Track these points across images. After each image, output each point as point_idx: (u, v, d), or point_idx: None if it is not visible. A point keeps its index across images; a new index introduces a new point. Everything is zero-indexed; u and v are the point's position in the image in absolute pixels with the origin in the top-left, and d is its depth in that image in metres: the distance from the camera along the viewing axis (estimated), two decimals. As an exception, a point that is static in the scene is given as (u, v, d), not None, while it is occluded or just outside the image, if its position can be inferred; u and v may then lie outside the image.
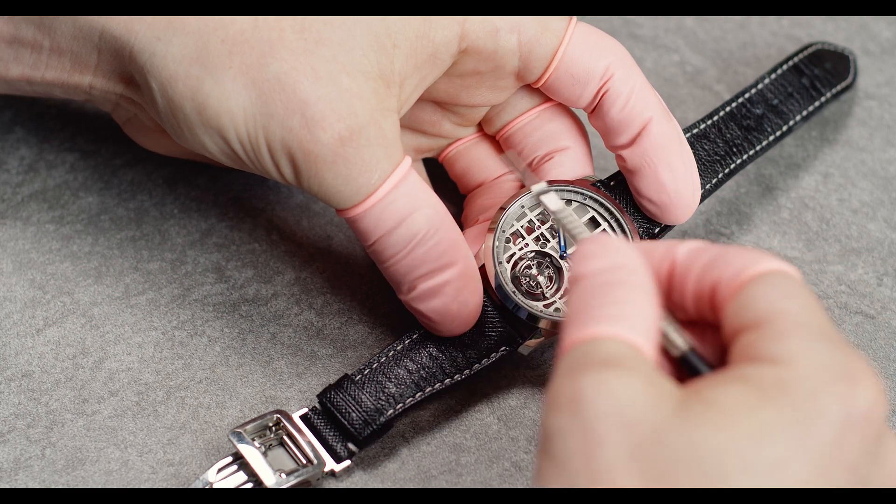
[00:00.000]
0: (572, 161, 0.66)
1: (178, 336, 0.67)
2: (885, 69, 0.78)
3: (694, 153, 0.67)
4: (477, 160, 0.68)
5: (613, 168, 0.74)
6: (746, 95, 0.69)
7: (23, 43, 0.61)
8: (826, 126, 0.75)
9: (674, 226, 0.66)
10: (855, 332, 0.68)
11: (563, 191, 0.65)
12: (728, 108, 0.69)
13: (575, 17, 0.64)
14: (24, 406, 0.64)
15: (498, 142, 0.68)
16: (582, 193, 0.65)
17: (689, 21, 0.80)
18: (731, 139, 0.68)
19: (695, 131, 0.68)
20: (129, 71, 0.60)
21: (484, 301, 0.63)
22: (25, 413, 0.64)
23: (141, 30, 0.59)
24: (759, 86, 0.70)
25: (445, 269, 0.61)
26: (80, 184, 0.71)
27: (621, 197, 0.65)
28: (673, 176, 0.63)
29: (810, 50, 0.73)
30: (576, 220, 0.54)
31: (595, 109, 0.64)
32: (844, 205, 0.73)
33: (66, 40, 0.61)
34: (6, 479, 0.62)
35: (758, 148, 0.68)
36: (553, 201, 0.54)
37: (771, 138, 0.69)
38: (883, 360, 0.67)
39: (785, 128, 0.70)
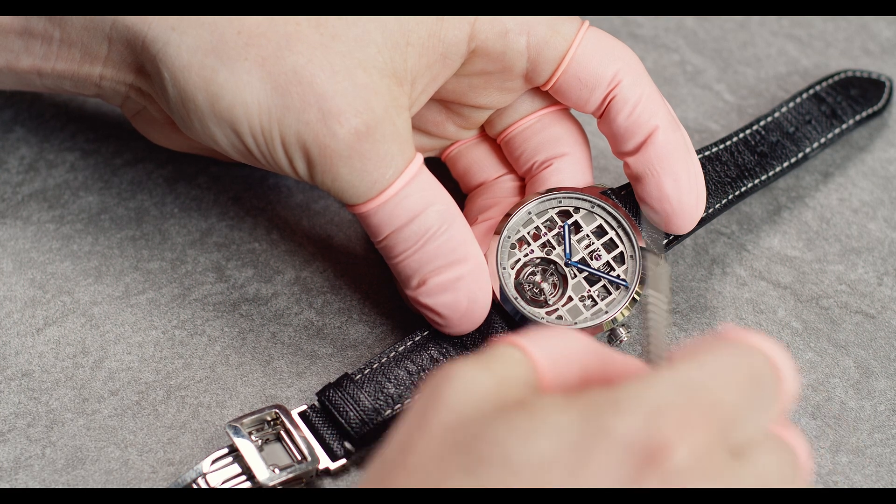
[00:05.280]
0: (571, 168, 0.66)
1: (178, 335, 0.67)
2: (885, 69, 0.78)
3: (705, 173, 0.66)
4: (478, 160, 0.68)
5: (613, 169, 0.74)
6: (762, 123, 0.69)
7: (33, 34, 0.61)
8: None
9: (681, 236, 0.65)
10: (855, 332, 0.68)
11: (571, 198, 0.65)
12: (742, 135, 0.69)
13: (587, 21, 0.64)
14: (24, 405, 0.64)
15: (499, 144, 0.68)
16: (590, 201, 0.65)
17: (689, 21, 0.80)
18: (743, 163, 0.68)
19: (707, 153, 0.68)
20: (140, 60, 0.60)
21: None
22: (25, 412, 0.64)
23: (155, 19, 0.59)
24: (776, 114, 0.70)
25: (457, 265, 0.61)
26: (80, 183, 0.71)
27: (631, 206, 0.65)
28: (676, 185, 0.63)
29: (837, 77, 0.73)
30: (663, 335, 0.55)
31: (603, 115, 0.64)
32: (845, 204, 0.73)
33: (76, 31, 0.61)
34: (6, 479, 0.62)
35: (770, 174, 0.68)
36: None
37: (785, 164, 0.69)
38: (883, 359, 0.67)
39: (801, 155, 0.70)
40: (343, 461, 0.62)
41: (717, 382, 0.47)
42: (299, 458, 0.61)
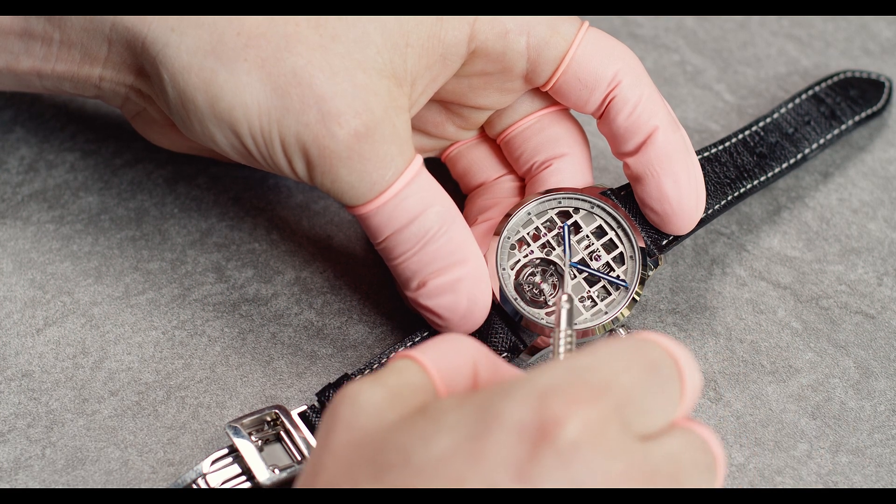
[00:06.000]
0: (571, 168, 0.66)
1: (178, 336, 0.67)
2: (885, 69, 0.78)
3: (704, 174, 0.66)
4: (477, 161, 0.68)
5: (613, 169, 0.74)
6: (761, 124, 0.69)
7: (33, 36, 0.61)
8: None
9: (681, 236, 0.65)
10: (855, 332, 0.68)
11: (571, 199, 0.65)
12: (741, 136, 0.69)
13: (587, 22, 0.64)
14: (24, 406, 0.64)
15: (498, 144, 0.68)
16: (590, 202, 0.65)
17: (689, 21, 0.80)
18: (742, 164, 0.68)
19: (706, 154, 0.68)
20: (139, 62, 0.60)
21: None
22: (25, 413, 0.64)
23: (154, 20, 0.59)
24: (775, 115, 0.70)
25: (456, 266, 0.61)
26: (80, 184, 0.71)
27: (631, 207, 0.65)
28: (676, 186, 0.63)
29: (836, 78, 0.73)
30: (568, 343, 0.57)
31: (602, 115, 0.64)
32: (844, 204, 0.73)
33: (76, 32, 0.61)
34: (6, 479, 0.62)
35: (769, 175, 0.68)
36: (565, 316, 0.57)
37: (784, 165, 0.69)
38: (883, 359, 0.67)
39: (799, 156, 0.70)
40: (343, 462, 0.62)
41: (606, 366, 0.48)
42: (299, 458, 0.61)
